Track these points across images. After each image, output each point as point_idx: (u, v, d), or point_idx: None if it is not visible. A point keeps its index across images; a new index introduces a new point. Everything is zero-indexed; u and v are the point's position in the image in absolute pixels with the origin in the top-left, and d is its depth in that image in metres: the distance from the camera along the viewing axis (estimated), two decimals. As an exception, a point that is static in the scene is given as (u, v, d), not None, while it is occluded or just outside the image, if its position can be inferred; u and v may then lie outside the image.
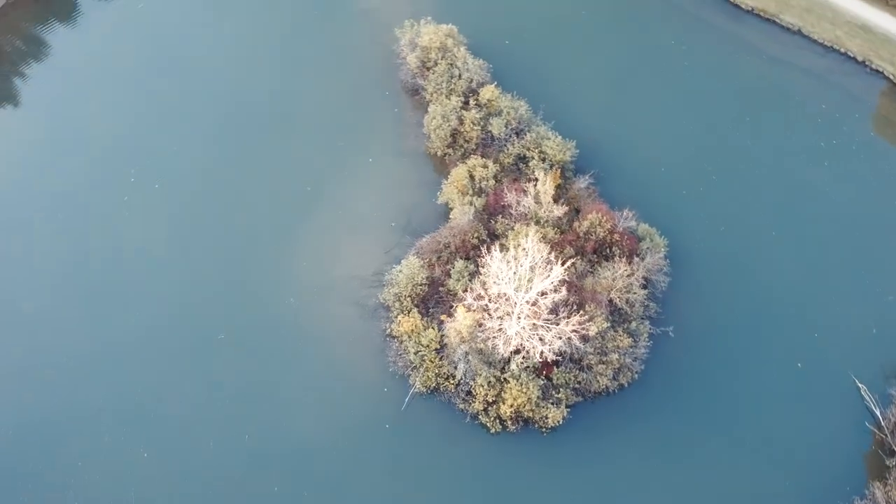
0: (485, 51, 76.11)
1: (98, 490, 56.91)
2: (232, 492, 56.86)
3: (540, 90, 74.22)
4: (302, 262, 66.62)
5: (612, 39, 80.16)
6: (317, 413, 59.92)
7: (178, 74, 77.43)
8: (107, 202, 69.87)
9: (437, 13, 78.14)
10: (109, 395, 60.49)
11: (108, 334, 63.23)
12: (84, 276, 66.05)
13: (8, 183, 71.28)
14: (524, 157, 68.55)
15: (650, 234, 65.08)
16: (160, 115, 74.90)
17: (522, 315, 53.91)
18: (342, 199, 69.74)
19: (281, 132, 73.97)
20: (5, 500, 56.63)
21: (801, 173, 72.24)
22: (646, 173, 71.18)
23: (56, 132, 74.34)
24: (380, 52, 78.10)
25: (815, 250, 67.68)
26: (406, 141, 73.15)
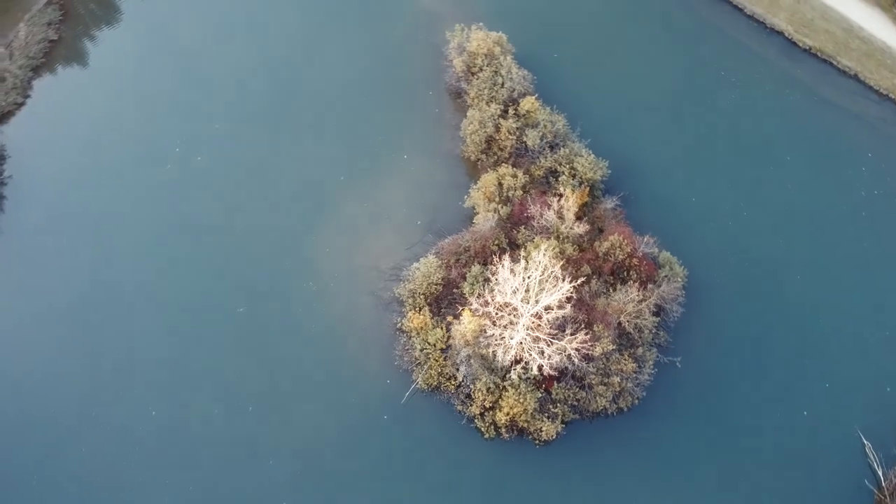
0: (531, 62, 76.79)
1: (107, 436, 59.91)
2: (230, 459, 59.05)
3: (581, 107, 74.54)
4: (325, 248, 68.49)
5: (662, 64, 79.70)
6: (319, 394, 61.72)
7: (235, 53, 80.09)
8: (150, 167, 72.92)
9: (491, 20, 79.05)
10: (127, 346, 63.47)
11: (133, 289, 66.21)
12: (118, 232, 69.19)
13: (69, 136, 75.08)
14: (555, 172, 69.09)
15: (670, 263, 64.96)
16: (213, 90, 77.62)
17: (525, 326, 54.60)
18: (372, 192, 71.37)
19: (324, 120, 75.94)
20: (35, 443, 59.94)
21: (837, 221, 70.99)
22: (676, 201, 70.91)
23: (116, 94, 77.81)
24: (430, 52, 79.40)
25: (839, 301, 66.46)
26: (442, 142, 74.35)
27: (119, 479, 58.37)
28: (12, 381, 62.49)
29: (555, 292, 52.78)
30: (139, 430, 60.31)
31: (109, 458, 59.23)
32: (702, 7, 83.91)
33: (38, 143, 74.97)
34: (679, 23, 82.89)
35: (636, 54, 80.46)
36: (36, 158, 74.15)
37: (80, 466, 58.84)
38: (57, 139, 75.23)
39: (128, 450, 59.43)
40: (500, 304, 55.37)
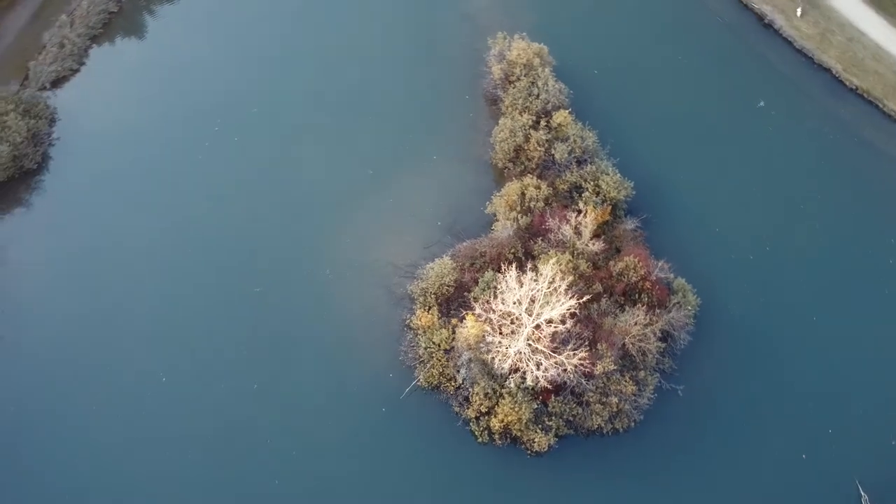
0: (570, 76, 77.15)
1: (117, 394, 62.52)
2: (230, 432, 60.99)
3: (613, 125, 74.65)
4: (346, 239, 70.03)
5: (702, 90, 79.28)
6: (322, 378, 63.13)
7: (284, 42, 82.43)
8: (189, 143, 75.53)
9: (536, 31, 79.62)
10: (143, 306, 66.20)
11: (160, 252, 69.05)
12: (150, 201, 71.99)
13: (116, 104, 78.14)
14: (579, 187, 69.38)
15: (684, 290, 64.74)
16: (257, 75, 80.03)
17: (526, 337, 55.22)
18: (398, 189, 72.63)
19: (360, 113, 77.58)
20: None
21: (864, 267, 69.57)
22: (698, 229, 70.53)
23: (166, 69, 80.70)
24: (471, 57, 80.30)
25: (853, 349, 65.19)
26: (472, 146, 75.23)
27: (122, 434, 60.74)
28: (45, 332, 65.50)
29: (557, 307, 53.22)
30: (148, 392, 62.67)
31: (117, 415, 61.66)
32: (751, 36, 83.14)
33: (87, 108, 78.31)
34: (726, 50, 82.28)
35: (677, 77, 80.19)
36: (83, 123, 77.48)
37: (86, 420, 61.49)
38: (105, 107, 78.45)
39: (135, 411, 61.80)
40: (502, 312, 56.03)
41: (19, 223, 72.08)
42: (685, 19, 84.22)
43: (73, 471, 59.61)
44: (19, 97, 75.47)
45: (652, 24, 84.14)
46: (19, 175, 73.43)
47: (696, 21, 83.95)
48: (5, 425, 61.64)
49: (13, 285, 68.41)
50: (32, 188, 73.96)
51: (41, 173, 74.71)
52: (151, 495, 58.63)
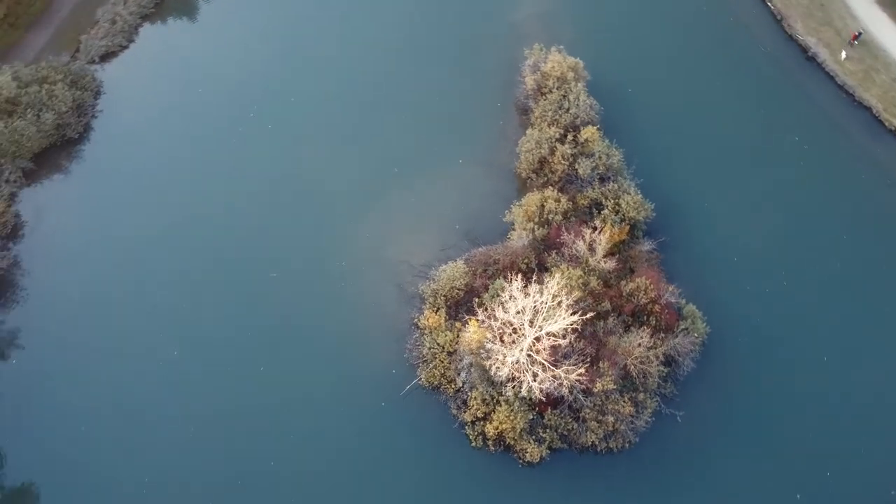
0: (604, 91, 77.25)
1: (129, 363, 65.13)
2: (231, 410, 62.83)
3: (641, 145, 74.55)
4: (365, 233, 71.34)
5: (735, 118, 78.42)
6: (326, 366, 64.31)
7: (329, 36, 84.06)
8: (224, 126, 77.76)
9: (574, 45, 79.89)
10: (163, 278, 68.82)
11: (184, 224, 71.66)
12: (182, 177, 74.77)
13: (160, 82, 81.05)
14: (599, 204, 69.50)
15: (693, 317, 64.47)
16: (296, 67, 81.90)
17: (524, 348, 55.75)
18: (421, 189, 73.65)
19: (392, 112, 78.81)
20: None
21: (882, 315, 68.05)
22: (716, 257, 70.02)
23: (211, 52, 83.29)
24: (508, 66, 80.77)
25: (859, 393, 63.99)
26: (498, 154, 75.87)
27: (128, 398, 63.33)
28: (68, 292, 68.50)
29: (559, 321, 53.65)
30: (159, 363, 64.89)
31: (126, 380, 64.18)
32: (793, 68, 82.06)
33: (131, 84, 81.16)
34: (765, 80, 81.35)
35: (712, 103, 79.53)
36: (126, 98, 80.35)
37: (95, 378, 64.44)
38: (148, 84, 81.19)
39: (143, 379, 64.13)
40: (504, 320, 56.65)
41: (56, 188, 75.15)
42: (727, 45, 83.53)
43: (77, 433, 62.22)
44: (69, 68, 78.52)
45: (693, 47, 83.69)
46: (61, 143, 76.57)
47: (738, 48, 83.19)
48: (25, 378, 64.59)
49: (44, 247, 71.45)
50: (72, 156, 76.99)
51: (82, 143, 77.72)
52: (151, 465, 60.78)
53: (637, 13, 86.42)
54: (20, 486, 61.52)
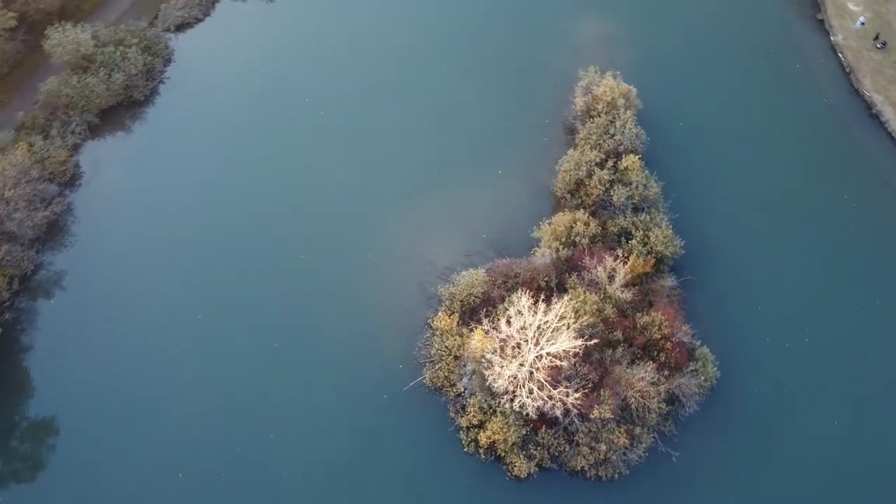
0: (653, 121, 77.27)
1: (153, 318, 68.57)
2: (239, 379, 65.43)
3: (682, 180, 74.20)
4: (395, 228, 73.03)
5: (785, 166, 77.10)
6: (338, 352, 65.98)
7: (389, 35, 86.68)
8: (280, 107, 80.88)
9: (632, 70, 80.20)
10: (197, 260, 71.82)
11: (224, 203, 74.80)
12: (234, 145, 78.11)
13: (227, 56, 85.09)
14: (629, 233, 69.49)
15: (705, 360, 63.94)
16: (357, 62, 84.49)
17: (523, 364, 56.47)
18: (456, 193, 74.93)
19: (441, 115, 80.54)
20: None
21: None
22: (740, 304, 69.09)
23: (281, 33, 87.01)
24: (561, 85, 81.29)
25: (866, 466, 62.20)
26: (538, 170, 76.55)
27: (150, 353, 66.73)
28: (113, 247, 72.61)
29: (560, 343, 54.22)
30: (182, 323, 68.12)
31: (152, 336, 67.46)
32: (853, 122, 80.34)
33: (200, 55, 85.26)
34: (823, 131, 79.86)
35: (763, 148, 78.46)
36: (194, 68, 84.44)
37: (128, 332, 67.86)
38: (216, 57, 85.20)
39: (164, 336, 67.37)
40: (507, 334, 57.50)
41: (116, 145, 79.56)
42: (789, 91, 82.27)
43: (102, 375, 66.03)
44: (144, 34, 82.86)
45: (753, 89, 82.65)
46: (127, 103, 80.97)
47: (800, 95, 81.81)
48: (62, 317, 69.04)
49: (96, 198, 75.81)
50: (136, 117, 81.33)
51: (146, 105, 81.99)
52: (157, 414, 63.92)
53: (702, 48, 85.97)
54: (43, 418, 65.40)
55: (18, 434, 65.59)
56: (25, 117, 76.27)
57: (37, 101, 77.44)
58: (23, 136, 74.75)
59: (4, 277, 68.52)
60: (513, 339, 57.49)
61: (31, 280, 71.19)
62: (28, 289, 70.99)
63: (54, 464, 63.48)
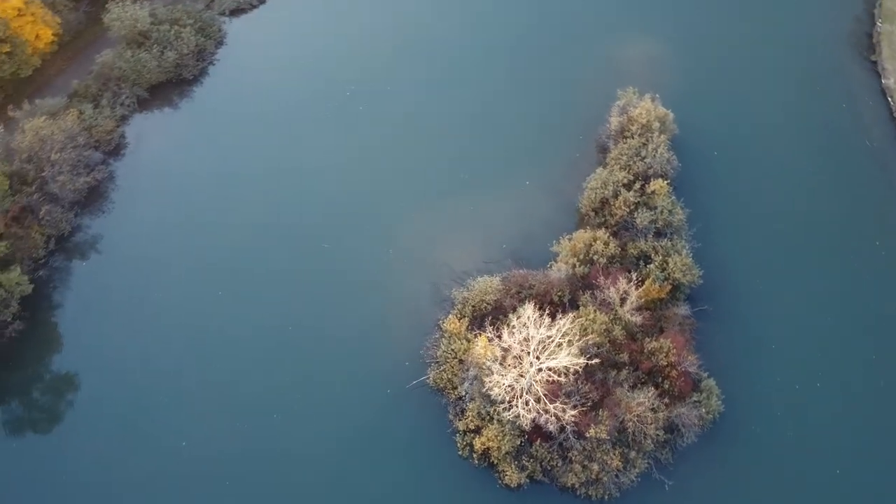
0: (688, 147, 77.03)
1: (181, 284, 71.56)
2: (251, 358, 67.56)
3: (709, 210, 73.79)
4: (418, 227, 74.26)
5: (816, 206, 75.69)
6: (348, 340, 67.65)
7: (434, 38, 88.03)
8: (322, 96, 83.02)
9: (672, 95, 79.95)
10: (228, 243, 74.25)
11: (256, 186, 77.05)
12: (267, 140, 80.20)
13: (278, 42, 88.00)
14: (648, 257, 69.37)
15: (710, 392, 63.53)
16: (400, 60, 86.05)
17: (530, 375, 57.03)
18: (482, 200, 75.81)
19: (477, 120, 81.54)
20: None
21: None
22: (753, 340, 68.37)
23: (333, 26, 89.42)
24: (600, 103, 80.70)
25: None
26: (566, 185, 76.78)
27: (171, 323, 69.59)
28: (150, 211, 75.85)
29: (559, 359, 54.66)
30: (204, 296, 70.72)
31: (174, 306, 70.32)
32: (894, 169, 78.44)
33: (251, 41, 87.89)
34: (862, 175, 78.40)
35: (796, 185, 77.28)
36: (244, 53, 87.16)
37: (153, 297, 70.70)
38: (266, 44, 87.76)
39: (186, 302, 70.28)
40: (508, 344, 58.14)
41: (162, 119, 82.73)
42: (831, 130, 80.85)
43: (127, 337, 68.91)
44: (200, 15, 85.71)
45: (794, 125, 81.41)
46: (176, 81, 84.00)
47: (842, 135, 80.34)
48: (94, 277, 72.50)
49: (137, 168, 78.96)
50: (183, 94, 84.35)
51: (194, 84, 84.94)
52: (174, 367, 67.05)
53: (749, 79, 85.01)
54: (66, 373, 68.47)
55: (40, 386, 68.97)
56: (79, 85, 79.68)
57: (91, 72, 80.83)
58: (74, 103, 78.13)
59: (42, 236, 71.97)
60: (515, 350, 58.10)
61: (67, 241, 74.61)
62: (64, 249, 74.42)
63: (70, 418, 66.56)
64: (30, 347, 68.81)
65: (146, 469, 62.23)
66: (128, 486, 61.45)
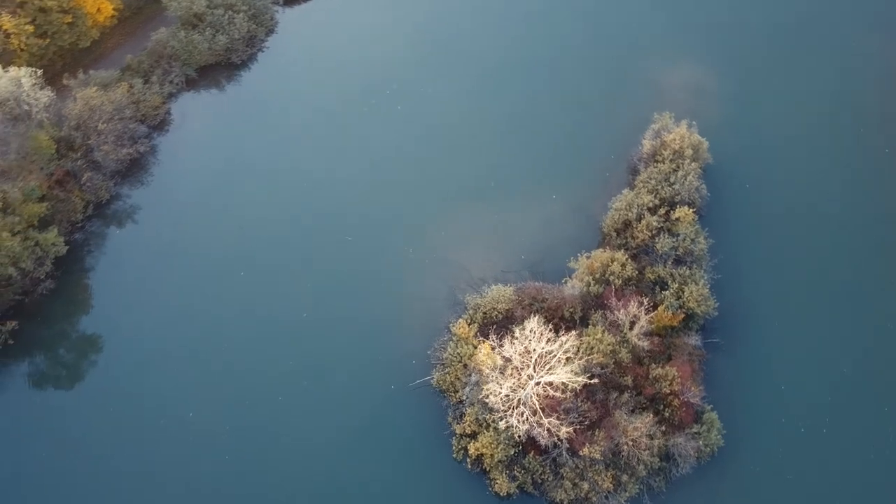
0: (720, 176, 76.61)
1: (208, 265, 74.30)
2: (265, 341, 69.59)
3: (734, 242, 73.07)
4: (441, 229, 75.37)
5: (848, 253, 74.04)
6: (359, 332, 69.48)
7: (481, 48, 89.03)
8: (361, 95, 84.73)
9: (710, 124, 79.72)
10: (253, 234, 76.49)
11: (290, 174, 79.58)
12: (306, 133, 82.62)
13: (329, 35, 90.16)
14: (665, 283, 69.07)
15: (711, 426, 63.01)
16: (444, 65, 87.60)
17: (524, 387, 57.54)
18: (507, 209, 76.51)
19: (512, 130, 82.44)
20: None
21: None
22: (763, 379, 67.43)
23: (387, 27, 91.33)
24: (635, 125, 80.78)
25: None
26: (591, 203, 76.90)
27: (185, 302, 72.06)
28: (187, 185, 78.75)
29: (557, 375, 55.04)
30: (227, 276, 73.13)
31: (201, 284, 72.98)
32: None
33: (301, 32, 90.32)
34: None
35: (828, 229, 75.80)
36: (293, 43, 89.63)
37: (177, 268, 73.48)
38: (316, 36, 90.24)
39: (211, 289, 72.71)
40: (508, 354, 58.71)
41: (207, 100, 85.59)
42: (871, 174, 79.13)
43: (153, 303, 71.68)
44: (254, 3, 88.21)
45: (833, 167, 79.83)
46: (225, 64, 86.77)
47: (882, 181, 78.53)
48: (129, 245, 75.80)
49: (179, 145, 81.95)
50: (230, 78, 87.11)
51: (242, 69, 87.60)
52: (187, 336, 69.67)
53: (792, 116, 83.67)
54: (91, 335, 71.52)
55: (65, 343, 72.19)
56: (132, 60, 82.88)
57: (145, 48, 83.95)
58: (126, 77, 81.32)
59: (82, 201, 75.21)
60: (515, 361, 58.67)
61: (105, 208, 77.86)
62: (101, 215, 77.65)
63: (91, 378, 69.62)
64: (58, 305, 72.06)
65: (151, 431, 64.75)
66: (131, 443, 64.24)
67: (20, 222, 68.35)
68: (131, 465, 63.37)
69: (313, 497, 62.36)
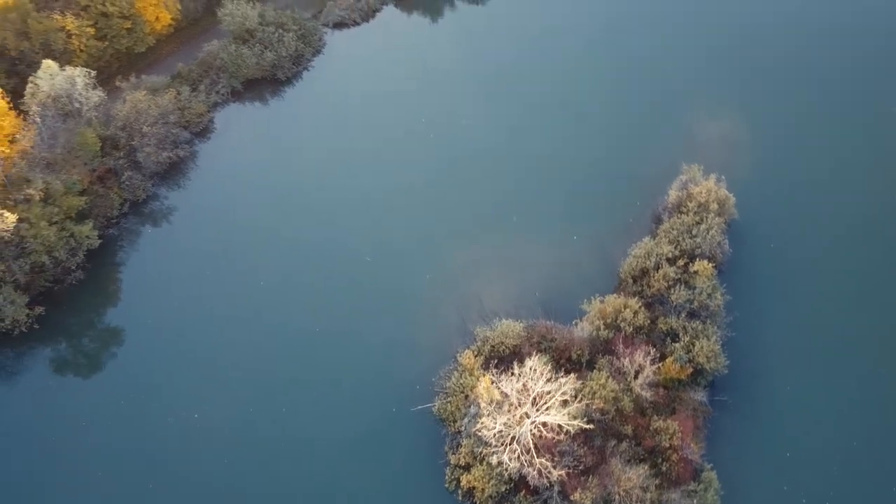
0: (745, 233, 76.08)
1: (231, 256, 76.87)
2: (277, 347, 71.35)
3: (753, 302, 72.22)
4: (458, 258, 76.35)
5: (870, 321, 72.20)
6: (365, 353, 70.52)
7: (525, 82, 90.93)
8: (395, 122, 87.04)
9: (740, 179, 79.25)
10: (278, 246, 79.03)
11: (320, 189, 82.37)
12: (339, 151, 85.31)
13: (366, 62, 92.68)
14: (676, 335, 68.57)
15: (709, 485, 61.89)
16: (483, 98, 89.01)
17: (520, 425, 57.66)
18: (526, 245, 77.17)
19: (541, 168, 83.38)
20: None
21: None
22: (768, 442, 65.97)
23: (422, 54, 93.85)
24: (666, 174, 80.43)
25: None
26: (611, 247, 76.90)
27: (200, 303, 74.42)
28: (222, 188, 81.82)
29: (551, 416, 55.09)
30: (247, 279, 75.67)
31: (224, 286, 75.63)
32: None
33: (347, 54, 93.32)
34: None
35: (851, 295, 74.14)
36: (338, 64, 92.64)
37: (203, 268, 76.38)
38: (361, 60, 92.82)
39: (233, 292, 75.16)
40: (506, 389, 58.95)
41: (250, 113, 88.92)
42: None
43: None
44: (305, 23, 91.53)
45: (862, 233, 78.31)
46: (270, 79, 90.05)
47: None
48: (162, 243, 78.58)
49: (217, 152, 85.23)
50: (274, 93, 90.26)
51: (286, 85, 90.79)
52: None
53: (825, 179, 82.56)
54: (115, 327, 74.30)
55: (89, 333, 75.13)
56: (183, 69, 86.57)
57: (197, 58, 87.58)
58: (175, 84, 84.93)
59: (120, 198, 78.47)
60: (512, 397, 58.92)
61: (141, 207, 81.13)
62: (137, 213, 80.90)
63: (107, 368, 72.30)
64: (85, 296, 75.07)
65: (157, 427, 66.68)
66: (136, 436, 66.31)
67: (59, 213, 71.65)
68: (133, 456, 65.41)
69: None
